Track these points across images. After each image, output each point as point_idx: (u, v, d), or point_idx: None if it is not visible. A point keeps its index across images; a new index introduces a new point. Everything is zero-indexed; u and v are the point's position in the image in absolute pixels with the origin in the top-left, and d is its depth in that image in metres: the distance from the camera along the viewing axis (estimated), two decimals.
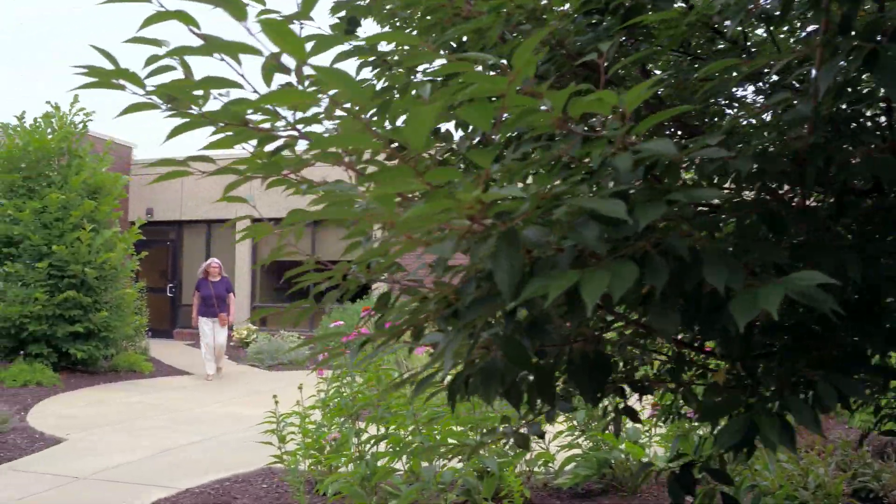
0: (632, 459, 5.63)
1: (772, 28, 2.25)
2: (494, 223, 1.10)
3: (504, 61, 1.75)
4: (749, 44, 2.55)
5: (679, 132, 2.17)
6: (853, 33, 1.42)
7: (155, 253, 18.38)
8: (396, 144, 1.20)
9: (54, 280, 12.74)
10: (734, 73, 1.64)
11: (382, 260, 1.85)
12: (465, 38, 2.04)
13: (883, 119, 1.87)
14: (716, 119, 2.44)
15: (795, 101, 1.42)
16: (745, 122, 1.95)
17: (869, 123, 1.91)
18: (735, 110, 2.39)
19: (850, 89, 1.70)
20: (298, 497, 4.84)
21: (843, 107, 1.81)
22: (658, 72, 2.42)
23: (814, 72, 1.47)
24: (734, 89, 2.34)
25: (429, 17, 1.86)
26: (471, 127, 2.33)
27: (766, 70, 1.81)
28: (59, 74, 74.60)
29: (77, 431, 8.46)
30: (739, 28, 2.51)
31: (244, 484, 6.14)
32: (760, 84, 2.09)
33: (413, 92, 1.85)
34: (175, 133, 1.52)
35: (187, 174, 1.59)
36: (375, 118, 1.58)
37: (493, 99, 1.14)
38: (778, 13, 1.83)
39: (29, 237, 12.82)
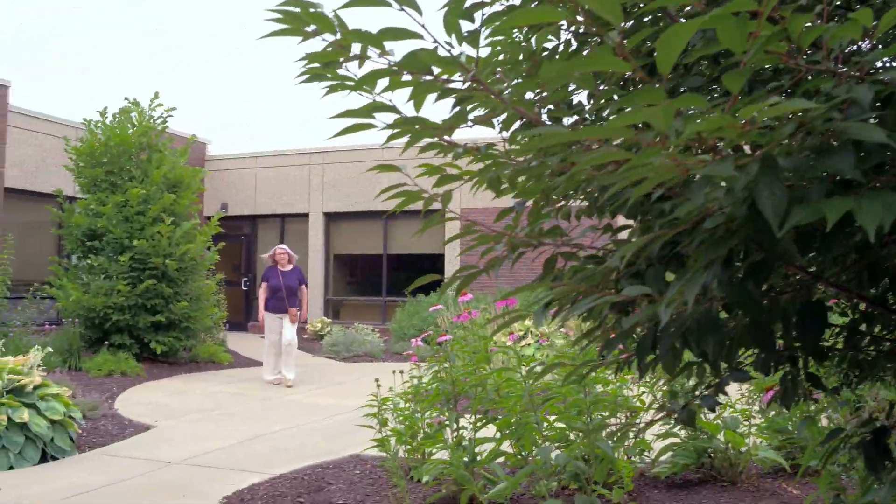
0: (731, 449, 5.51)
1: None
2: (730, 154, 1.04)
3: None
4: None
5: None
6: None
7: (229, 247, 18.58)
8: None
9: (136, 272, 12.96)
10: None
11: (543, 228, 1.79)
12: None
13: None
14: None
15: None
16: None
17: None
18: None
19: None
20: (397, 482, 4.82)
21: None
22: None
23: None
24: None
25: None
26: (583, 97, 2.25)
27: None
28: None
29: (164, 419, 8.58)
30: None
31: (336, 470, 6.15)
32: None
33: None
34: (366, 81, 1.48)
35: (370, 126, 1.55)
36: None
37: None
38: None
39: (111, 230, 13.06)
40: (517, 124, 2.18)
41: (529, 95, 1.74)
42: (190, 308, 13.41)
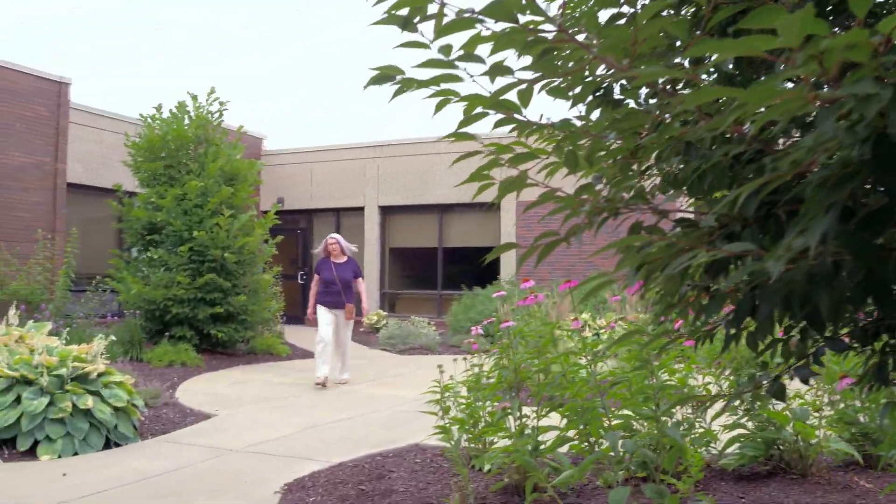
0: (801, 440, 5.36)
1: None
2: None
3: None
4: None
5: None
6: None
7: (286, 241, 18.65)
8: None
9: (195, 264, 13.09)
10: None
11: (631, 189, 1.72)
12: None
13: None
14: None
15: None
16: None
17: None
18: None
19: None
20: (460, 469, 4.77)
21: None
22: None
23: None
24: None
25: None
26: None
27: None
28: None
29: (224, 408, 8.64)
30: None
31: (396, 458, 6.12)
32: None
33: None
34: (445, 31, 1.42)
35: (456, 80, 1.50)
36: None
37: None
38: None
39: (171, 223, 13.22)
40: (590, 98, 2.10)
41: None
42: (248, 301, 13.53)
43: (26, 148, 15.95)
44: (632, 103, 2.15)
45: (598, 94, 2.20)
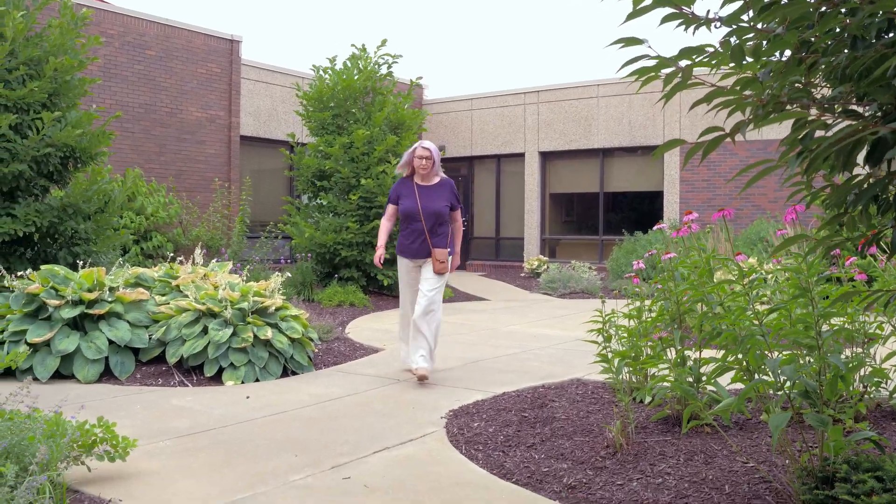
0: None
1: None
2: None
3: None
4: None
5: None
6: None
7: None
8: None
9: (363, 210, 13.58)
10: None
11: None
12: None
13: None
14: None
15: None
16: None
17: None
18: None
19: None
20: (622, 397, 4.86)
21: None
22: None
23: None
24: None
25: None
26: None
27: None
28: None
29: (392, 343, 9.01)
30: None
31: (558, 390, 6.27)
32: None
33: None
34: None
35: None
36: None
37: None
38: None
39: (339, 170, 13.72)
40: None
41: None
42: None
43: (201, 103, 16.84)
44: None
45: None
